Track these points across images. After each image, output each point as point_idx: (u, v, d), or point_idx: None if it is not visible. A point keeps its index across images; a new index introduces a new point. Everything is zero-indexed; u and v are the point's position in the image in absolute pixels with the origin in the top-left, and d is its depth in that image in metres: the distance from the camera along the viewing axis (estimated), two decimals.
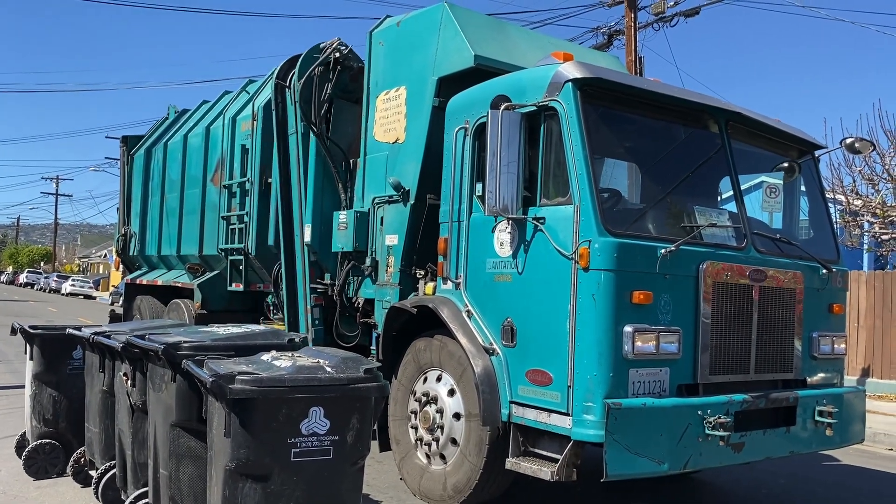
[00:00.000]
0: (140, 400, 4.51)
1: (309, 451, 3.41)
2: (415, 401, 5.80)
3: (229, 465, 3.36)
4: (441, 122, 6.19)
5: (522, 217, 4.97)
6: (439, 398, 5.54)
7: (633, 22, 17.82)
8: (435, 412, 5.56)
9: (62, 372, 6.07)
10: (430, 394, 5.63)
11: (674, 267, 4.78)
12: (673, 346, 4.73)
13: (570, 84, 4.83)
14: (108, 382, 5.20)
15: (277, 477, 3.36)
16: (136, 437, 4.65)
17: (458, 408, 5.40)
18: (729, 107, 5.45)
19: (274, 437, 3.35)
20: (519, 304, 5.01)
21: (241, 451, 3.33)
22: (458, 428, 5.39)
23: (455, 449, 5.43)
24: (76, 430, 5.96)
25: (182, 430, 4.04)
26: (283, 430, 3.36)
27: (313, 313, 7.60)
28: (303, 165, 7.73)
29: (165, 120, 11.82)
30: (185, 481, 4.04)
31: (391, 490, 6.09)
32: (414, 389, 5.83)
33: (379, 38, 7.15)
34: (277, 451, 3.36)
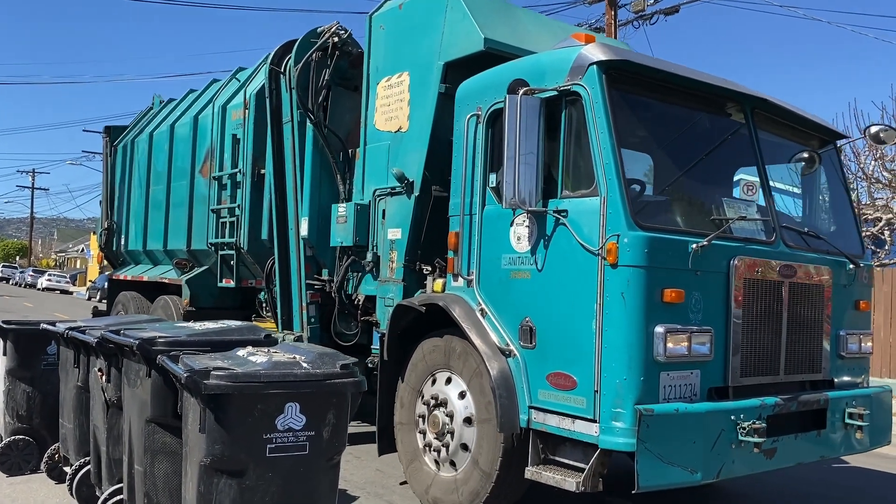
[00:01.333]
0: (115, 396, 4.47)
1: (284, 447, 3.41)
2: (423, 404, 5.48)
3: (204, 460, 3.35)
4: (447, 109, 5.86)
5: (542, 210, 4.65)
6: (449, 401, 5.23)
7: (613, 19, 17.73)
8: (444, 416, 5.24)
9: (36, 367, 5.99)
10: (439, 397, 5.32)
11: (704, 263, 4.49)
12: (705, 347, 4.44)
13: (595, 67, 4.51)
14: (82, 378, 5.13)
15: (253, 472, 3.36)
16: (110, 433, 4.61)
17: (469, 412, 5.09)
18: (755, 93, 5.17)
19: (249, 433, 3.34)
20: (538, 302, 4.70)
21: (216, 446, 3.32)
22: (470, 433, 5.08)
23: (466, 455, 5.12)
24: (50, 426, 5.89)
25: (157, 426, 4.02)
26: (258, 426, 3.35)
27: (309, 311, 7.26)
28: (299, 156, 7.38)
29: (150, 110, 11.38)
30: (160, 477, 4.04)
31: (368, 485, 6.06)
32: (422, 392, 5.51)
33: (379, 22, 6.80)
34: (253, 446, 3.35)
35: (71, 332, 5.09)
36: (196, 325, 4.69)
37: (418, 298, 5.65)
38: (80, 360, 5.12)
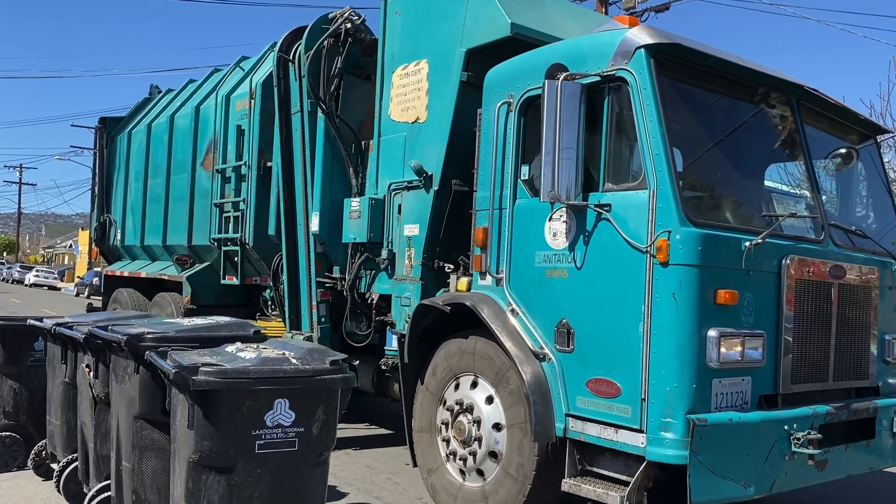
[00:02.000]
0: (103, 392, 4.44)
1: (274, 443, 3.40)
2: (445, 410, 5.17)
3: (193, 457, 3.34)
4: (469, 98, 5.56)
5: (583, 204, 4.34)
6: (475, 407, 4.91)
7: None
8: (471, 423, 4.93)
9: (23, 364, 5.96)
10: (464, 402, 5.00)
11: (756, 262, 4.20)
12: (757, 352, 4.15)
13: (643, 51, 4.20)
14: (70, 374, 5.09)
15: (242, 469, 3.35)
16: (98, 429, 4.59)
17: (497, 417, 4.78)
18: (804, 84, 4.89)
19: (238, 429, 3.33)
20: (578, 303, 4.39)
21: (205, 442, 3.31)
22: (499, 440, 4.77)
23: (495, 464, 4.81)
24: (37, 422, 5.85)
25: (145, 422, 4.01)
26: (247, 422, 3.34)
27: (319, 309, 6.93)
28: (309, 148, 7.04)
29: (148, 101, 11.01)
30: (148, 474, 4.02)
31: (358, 482, 6.02)
32: (444, 397, 5.20)
33: (395, 7, 6.47)
34: (241, 442, 3.34)
35: (58, 328, 5.07)
36: (185, 321, 4.69)
37: (442, 298, 5.33)
38: (68, 357, 5.06)
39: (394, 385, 6.42)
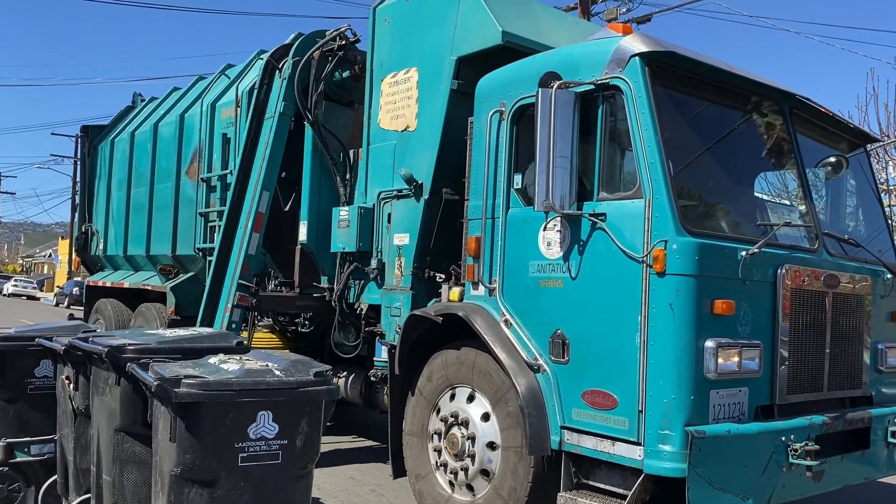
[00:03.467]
0: (83, 404, 4.38)
1: (257, 456, 3.36)
2: (439, 420, 5.08)
3: (175, 470, 3.30)
4: (460, 106, 5.52)
5: (577, 213, 4.30)
6: (471, 422, 4.83)
7: None
8: (464, 438, 4.85)
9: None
10: (459, 415, 4.92)
11: (752, 272, 4.17)
12: (754, 362, 4.12)
13: (638, 59, 4.17)
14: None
15: (224, 482, 3.30)
16: (78, 442, 4.52)
17: (493, 437, 4.70)
18: (796, 93, 4.88)
19: (221, 442, 3.29)
20: (572, 313, 4.34)
21: (187, 456, 3.26)
22: (493, 459, 4.70)
23: (486, 483, 4.74)
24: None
25: (126, 435, 3.95)
26: (230, 435, 3.30)
27: (232, 314, 6.84)
28: (270, 152, 6.97)
29: (131, 109, 10.85)
30: (129, 487, 3.95)
31: (342, 494, 5.97)
32: (438, 406, 5.12)
33: (384, 15, 6.42)
34: (224, 455, 3.29)
35: (37, 339, 4.94)
36: (167, 333, 4.64)
37: (434, 308, 5.26)
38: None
39: (382, 396, 6.33)
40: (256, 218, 6.97)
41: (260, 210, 7.00)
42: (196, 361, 3.66)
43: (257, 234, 7.02)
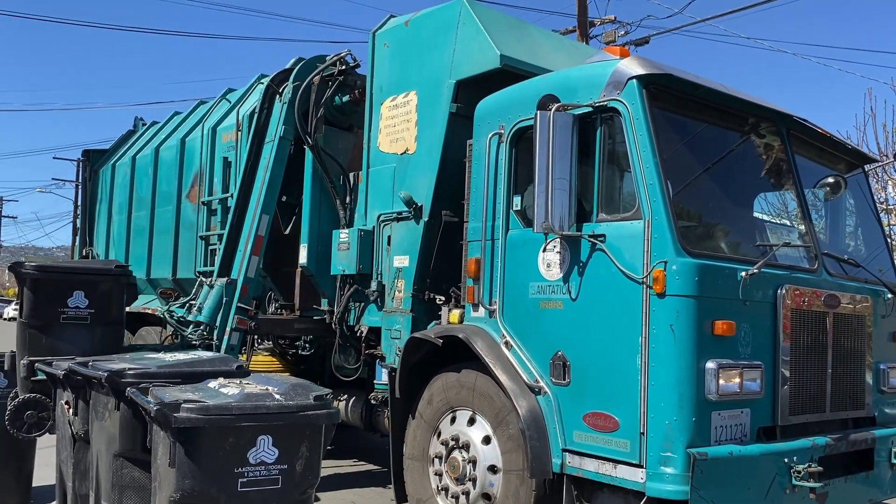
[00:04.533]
0: (82, 429, 4.39)
1: (256, 481, 3.36)
2: (440, 443, 5.05)
3: (174, 495, 3.29)
4: (459, 129, 5.55)
5: (577, 234, 4.31)
6: (472, 445, 4.81)
7: None
8: (465, 461, 4.82)
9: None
10: (459, 439, 4.89)
11: (752, 292, 4.17)
12: (755, 383, 4.10)
13: (635, 81, 4.21)
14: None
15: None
16: (77, 467, 4.52)
17: (494, 460, 4.66)
18: (793, 114, 4.92)
19: (220, 467, 3.29)
20: (573, 335, 4.33)
21: (187, 481, 3.27)
22: (494, 483, 4.66)
23: None
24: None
25: (126, 460, 3.96)
26: (229, 460, 3.31)
27: (231, 337, 6.83)
28: (270, 174, 6.99)
29: (132, 133, 10.90)
30: None
31: None
32: (439, 429, 5.09)
33: (383, 40, 6.48)
34: (224, 480, 3.29)
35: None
36: (167, 357, 4.65)
37: (434, 330, 5.25)
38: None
39: (383, 420, 6.29)
40: (256, 241, 6.98)
41: (259, 233, 7.01)
42: (196, 386, 3.67)
43: (257, 256, 7.03)
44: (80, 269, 6.13)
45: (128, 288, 6.17)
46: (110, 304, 5.83)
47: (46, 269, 5.76)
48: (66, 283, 5.51)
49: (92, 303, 5.61)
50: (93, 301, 5.62)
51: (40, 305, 5.50)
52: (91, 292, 5.63)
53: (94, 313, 5.65)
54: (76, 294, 5.50)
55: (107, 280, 5.85)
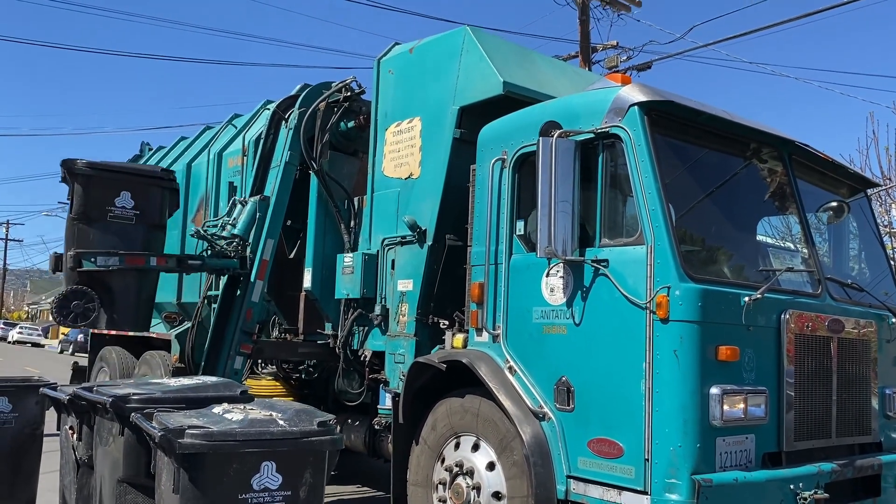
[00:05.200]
0: (86, 454, 4.40)
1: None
2: (444, 469, 5.03)
3: None
4: (462, 154, 5.59)
5: (580, 259, 4.32)
6: (476, 472, 4.78)
7: None
8: (469, 488, 4.79)
9: None
10: (463, 465, 4.87)
11: (756, 317, 4.17)
12: (760, 409, 4.09)
13: (637, 108, 4.25)
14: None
15: None
16: (80, 493, 4.52)
17: (498, 486, 4.64)
18: (795, 140, 4.95)
19: (224, 493, 3.29)
20: (577, 360, 4.33)
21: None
22: None
23: None
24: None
25: (129, 486, 3.95)
26: (233, 486, 3.30)
27: (235, 361, 6.83)
28: (276, 197, 7.02)
29: (138, 158, 10.99)
30: None
31: None
32: (443, 455, 5.07)
33: (388, 67, 6.56)
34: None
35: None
36: (171, 382, 4.68)
37: (437, 355, 5.25)
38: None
39: (387, 445, 6.26)
40: (260, 265, 7.01)
41: (264, 257, 7.05)
42: (200, 411, 3.68)
43: (261, 281, 7.05)
44: (129, 170, 6.60)
45: (171, 193, 6.65)
46: (154, 207, 6.31)
47: (98, 167, 6.09)
48: (115, 182, 5.91)
49: (137, 204, 6.08)
50: (138, 203, 6.11)
51: (89, 202, 5.91)
52: (137, 194, 6.11)
53: (139, 215, 6.14)
54: (123, 194, 5.94)
55: (153, 183, 6.36)
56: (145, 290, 6.51)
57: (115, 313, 6.10)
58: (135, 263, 6.12)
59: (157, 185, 6.41)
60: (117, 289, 6.06)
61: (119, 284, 6.09)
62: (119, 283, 6.09)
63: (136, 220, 6.14)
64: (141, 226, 6.17)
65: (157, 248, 6.36)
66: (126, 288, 6.16)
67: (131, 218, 6.07)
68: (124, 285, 6.15)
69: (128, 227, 6.00)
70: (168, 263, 6.56)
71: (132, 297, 6.25)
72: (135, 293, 6.29)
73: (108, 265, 5.92)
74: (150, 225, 6.34)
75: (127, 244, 6.03)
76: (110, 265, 5.92)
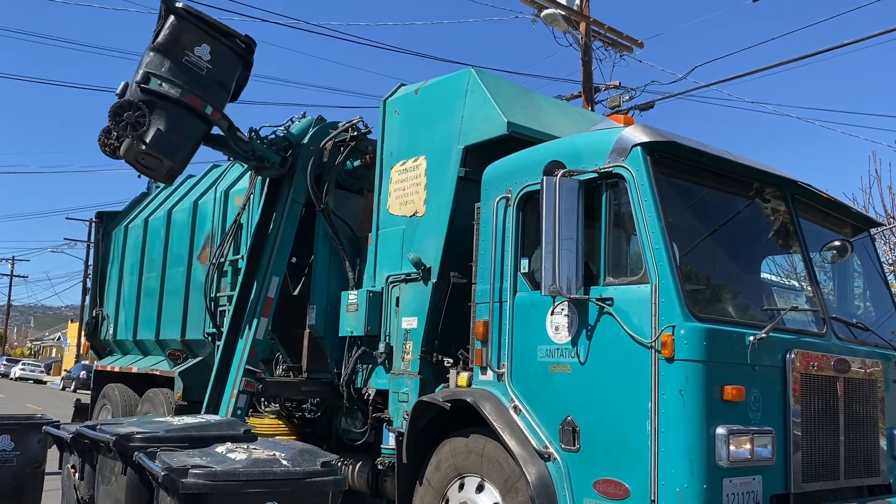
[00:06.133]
0: (87, 494, 4.42)
1: None
2: None
3: None
4: (467, 192, 5.64)
5: (584, 298, 4.33)
6: None
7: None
8: None
9: None
10: None
11: (761, 357, 4.16)
12: (767, 450, 4.06)
13: (640, 149, 4.30)
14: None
15: None
16: None
17: None
18: (798, 180, 4.99)
19: None
20: (582, 399, 4.31)
21: None
22: None
23: None
24: None
25: None
26: None
27: (238, 399, 6.80)
28: (282, 235, 7.09)
29: (146, 195, 11.09)
30: None
31: None
32: (447, 496, 5.02)
33: (394, 107, 6.65)
34: None
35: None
36: (175, 420, 4.68)
37: (441, 394, 5.23)
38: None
39: (390, 485, 6.20)
40: (265, 303, 7.03)
41: (269, 295, 7.07)
42: (203, 450, 3.69)
43: (266, 318, 7.07)
44: (217, 29, 6.55)
45: (245, 66, 6.72)
46: (226, 69, 6.52)
47: (194, 14, 6.33)
48: (202, 34, 6.23)
49: (213, 59, 6.31)
50: (214, 59, 6.32)
51: (172, 40, 6.17)
52: (215, 52, 6.37)
53: (210, 70, 6.32)
54: (203, 47, 6.31)
55: (233, 47, 6.49)
56: (190, 136, 6.52)
57: (160, 137, 6.18)
58: (193, 103, 6.30)
59: (235, 51, 6.61)
60: (169, 118, 6.22)
61: (172, 115, 6.25)
62: (172, 114, 6.25)
63: (205, 73, 6.38)
64: (208, 79, 6.39)
65: (216, 105, 6.52)
66: (177, 121, 6.29)
67: (203, 69, 6.34)
68: (176, 117, 6.30)
69: (197, 74, 6.28)
70: (221, 120, 6.60)
71: (178, 132, 6.34)
72: (182, 130, 6.39)
73: (170, 92, 6.16)
74: (217, 82, 6.49)
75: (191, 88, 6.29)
76: (172, 93, 6.17)
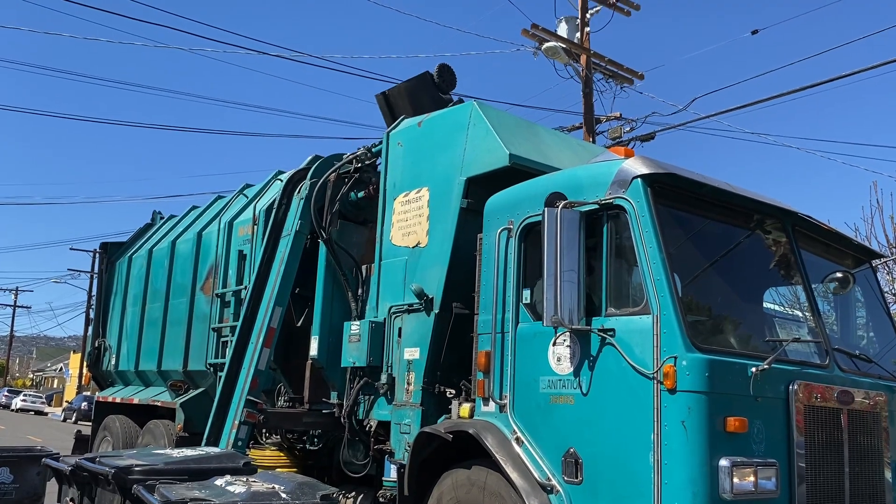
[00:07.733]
0: None
1: None
2: None
3: None
4: (469, 223, 5.68)
5: (586, 328, 4.34)
6: None
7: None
8: None
9: None
10: None
11: (764, 388, 4.15)
12: (771, 482, 4.03)
13: (640, 180, 4.34)
14: None
15: None
16: None
17: None
18: (798, 211, 5.02)
19: None
20: (585, 431, 4.30)
21: None
22: None
23: None
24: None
25: None
26: None
27: (239, 430, 6.79)
28: (284, 267, 7.18)
29: (150, 226, 11.17)
30: None
31: None
32: None
33: (397, 139, 6.73)
34: None
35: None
36: (174, 453, 4.69)
37: (444, 425, 5.21)
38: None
39: None
40: (268, 333, 7.05)
41: (272, 325, 7.09)
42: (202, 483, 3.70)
43: (268, 349, 7.08)
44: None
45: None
46: None
47: None
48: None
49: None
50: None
51: None
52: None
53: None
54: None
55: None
56: None
57: None
58: None
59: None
60: None
61: None
62: None
63: None
64: None
65: None
66: None
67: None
68: None
69: None
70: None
71: None
72: None
73: None
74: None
75: None
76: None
